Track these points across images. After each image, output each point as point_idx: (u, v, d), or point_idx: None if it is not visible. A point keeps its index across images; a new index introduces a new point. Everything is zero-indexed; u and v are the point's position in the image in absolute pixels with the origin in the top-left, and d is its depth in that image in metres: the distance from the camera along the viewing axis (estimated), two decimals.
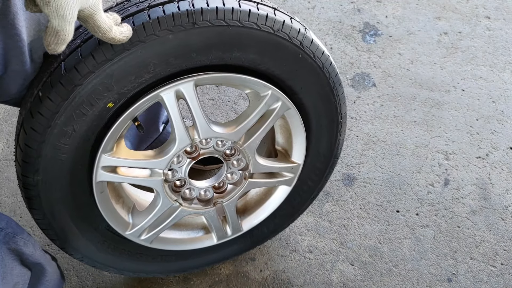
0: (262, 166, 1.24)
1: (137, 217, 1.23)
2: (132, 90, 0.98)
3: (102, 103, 0.97)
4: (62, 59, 0.95)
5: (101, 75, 0.93)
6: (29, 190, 1.06)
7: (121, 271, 1.36)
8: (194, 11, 0.94)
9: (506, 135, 1.84)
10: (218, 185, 1.27)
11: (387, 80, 2.00)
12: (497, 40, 2.14)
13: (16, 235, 1.12)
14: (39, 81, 0.97)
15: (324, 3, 2.29)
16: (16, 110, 1.92)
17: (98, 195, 1.11)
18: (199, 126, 1.09)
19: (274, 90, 1.10)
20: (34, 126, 0.97)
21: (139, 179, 1.14)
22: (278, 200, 1.36)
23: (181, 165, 1.16)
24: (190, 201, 1.25)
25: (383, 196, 1.69)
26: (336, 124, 1.26)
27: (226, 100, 1.94)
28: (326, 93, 1.18)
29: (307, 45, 1.08)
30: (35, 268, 1.19)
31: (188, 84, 1.02)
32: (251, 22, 0.99)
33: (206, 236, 1.36)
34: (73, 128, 0.98)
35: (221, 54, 1.00)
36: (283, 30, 1.03)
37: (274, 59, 1.06)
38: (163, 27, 0.92)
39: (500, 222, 1.63)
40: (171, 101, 1.03)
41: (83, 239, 1.21)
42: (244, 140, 1.17)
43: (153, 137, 1.58)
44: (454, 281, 1.52)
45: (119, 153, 1.08)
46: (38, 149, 0.99)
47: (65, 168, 1.04)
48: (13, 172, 1.75)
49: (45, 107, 0.95)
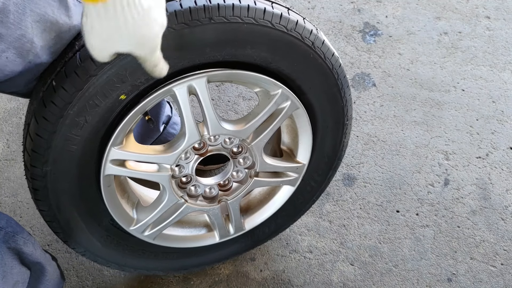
0: (269, 165, 1.24)
1: (142, 213, 1.23)
2: (144, 83, 0.99)
3: (115, 94, 0.97)
4: (77, 49, 0.95)
5: (116, 66, 0.93)
6: (37, 181, 1.05)
7: (123, 267, 1.36)
8: (211, 7, 0.94)
9: (506, 135, 1.84)
10: (224, 182, 1.27)
11: (387, 80, 2.00)
12: (497, 40, 2.14)
13: (16, 234, 1.12)
14: (52, 71, 0.97)
15: (324, 3, 2.29)
16: (16, 110, 1.92)
17: (105, 188, 1.11)
18: (209, 122, 1.09)
19: (284, 89, 1.10)
20: (46, 116, 0.97)
21: (146, 173, 1.14)
22: (281, 200, 1.36)
23: (189, 161, 1.16)
24: (195, 198, 1.25)
25: (383, 196, 1.69)
26: (342, 125, 1.26)
27: (226, 100, 1.94)
28: (334, 94, 1.19)
29: (319, 46, 1.09)
30: (35, 268, 1.19)
31: (201, 79, 1.02)
32: (265, 20, 1.00)
33: (209, 234, 1.36)
34: (85, 119, 0.98)
35: (234, 50, 1.01)
36: (296, 30, 1.04)
37: (286, 58, 1.07)
38: (180, 20, 0.93)
39: (500, 222, 1.63)
40: (183, 96, 1.03)
41: (86, 232, 1.21)
42: (252, 138, 1.17)
43: (153, 137, 1.58)
44: (454, 281, 1.52)
45: (128, 147, 1.08)
46: (49, 139, 0.99)
47: (74, 160, 1.04)
48: (13, 172, 1.75)
49: (59, 97, 0.95)
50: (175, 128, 1.63)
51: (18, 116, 1.91)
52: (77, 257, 1.55)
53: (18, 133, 1.86)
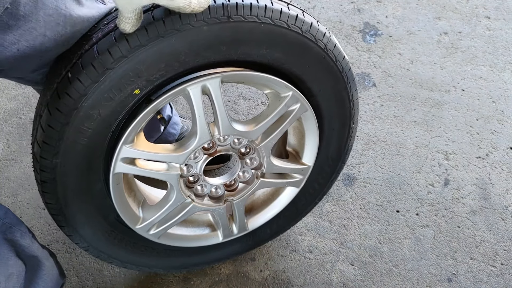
0: (275, 167, 1.25)
1: (148, 211, 1.23)
2: (159, 78, 0.99)
3: (130, 89, 0.97)
4: (94, 41, 0.95)
5: (133, 60, 0.93)
6: (46, 173, 1.05)
7: (125, 263, 1.36)
8: (230, 5, 0.95)
9: (506, 135, 1.84)
10: (230, 183, 1.28)
11: (387, 80, 2.00)
12: (497, 40, 2.14)
13: (13, 226, 1.11)
14: (67, 62, 0.97)
15: (324, 3, 2.29)
16: (16, 110, 1.92)
17: (114, 186, 1.11)
18: (220, 123, 1.09)
19: (295, 91, 1.11)
20: (60, 107, 0.96)
21: (156, 172, 1.14)
22: (285, 201, 1.37)
23: (197, 161, 1.16)
24: (202, 198, 1.26)
25: (383, 196, 1.69)
26: (348, 129, 1.27)
27: (226, 100, 1.94)
28: (343, 98, 1.19)
29: (331, 49, 1.09)
30: (32, 262, 1.18)
31: (215, 80, 1.02)
32: (282, 21, 1.00)
33: (212, 233, 1.36)
34: (98, 112, 0.98)
35: (249, 50, 1.01)
36: (311, 32, 1.05)
37: (299, 59, 1.07)
38: (199, 18, 0.93)
39: (500, 222, 1.63)
40: (197, 96, 1.03)
41: (91, 227, 1.21)
42: (261, 139, 1.18)
43: (154, 137, 1.58)
44: (454, 281, 1.52)
45: (139, 145, 1.08)
46: (61, 131, 0.99)
47: (84, 153, 1.04)
48: (13, 172, 1.75)
49: (74, 89, 0.95)
50: (176, 128, 1.63)
51: (18, 116, 1.91)
52: (77, 257, 1.56)
53: (18, 133, 1.86)
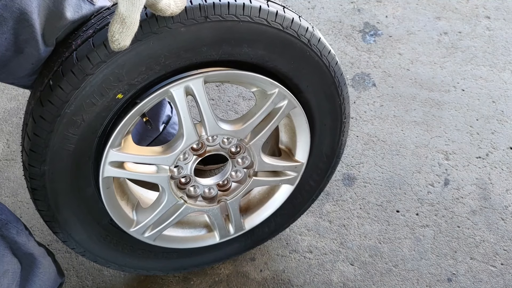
0: (267, 165, 1.24)
1: (142, 214, 1.23)
2: (142, 82, 0.99)
3: (112, 93, 0.98)
4: (74, 48, 0.95)
5: (112, 65, 0.94)
6: (35, 181, 1.06)
7: (122, 267, 1.36)
8: (207, 5, 0.95)
9: (506, 135, 1.84)
10: (223, 182, 1.27)
11: (387, 80, 2.00)
12: (497, 40, 2.14)
13: (9, 223, 1.11)
14: (49, 70, 0.98)
15: (324, 3, 2.29)
16: (16, 110, 1.92)
17: (104, 190, 1.11)
18: (207, 123, 1.09)
19: (281, 88, 1.10)
20: (43, 115, 0.97)
21: (145, 175, 1.14)
22: (281, 199, 1.37)
23: (187, 162, 1.16)
24: (194, 199, 1.25)
25: (383, 196, 1.69)
26: (340, 123, 1.26)
27: (226, 100, 1.94)
28: (331, 92, 1.19)
29: (315, 43, 1.09)
30: (27, 260, 1.17)
31: (198, 80, 1.02)
32: (261, 18, 1.00)
33: (209, 234, 1.36)
34: (82, 118, 0.99)
35: (230, 49, 1.01)
36: (292, 28, 1.04)
37: (282, 56, 1.07)
38: (176, 19, 0.93)
39: (500, 222, 1.63)
40: (180, 97, 1.03)
41: (86, 232, 1.21)
42: (250, 138, 1.17)
43: (152, 136, 1.58)
44: (454, 281, 1.52)
45: (126, 149, 1.09)
46: (47, 139, 0.99)
47: (72, 159, 1.05)
48: (13, 172, 1.75)
49: (56, 96, 0.95)
50: (175, 128, 1.63)
51: (18, 116, 1.91)
52: (77, 257, 1.55)
53: (18, 133, 1.86)
